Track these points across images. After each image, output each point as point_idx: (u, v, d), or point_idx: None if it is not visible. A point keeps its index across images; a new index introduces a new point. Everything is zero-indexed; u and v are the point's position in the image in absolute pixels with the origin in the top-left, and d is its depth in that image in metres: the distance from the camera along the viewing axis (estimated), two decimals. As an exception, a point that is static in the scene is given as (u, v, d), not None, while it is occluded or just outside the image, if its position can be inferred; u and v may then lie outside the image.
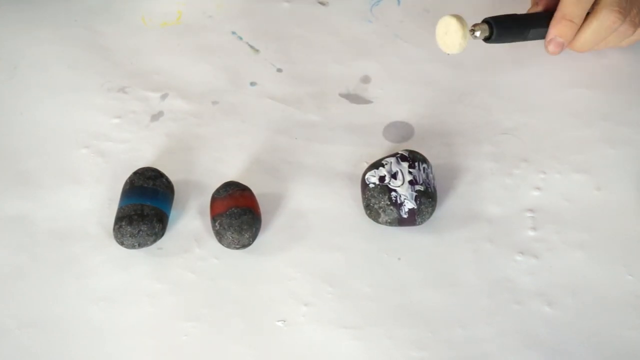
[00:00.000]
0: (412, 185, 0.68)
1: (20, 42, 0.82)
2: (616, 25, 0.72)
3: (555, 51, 0.73)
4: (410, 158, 0.69)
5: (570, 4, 0.72)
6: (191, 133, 0.75)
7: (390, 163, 0.69)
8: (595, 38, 0.73)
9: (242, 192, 0.69)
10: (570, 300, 0.66)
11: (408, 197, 0.67)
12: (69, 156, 0.74)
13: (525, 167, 0.73)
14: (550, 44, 0.73)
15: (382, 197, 0.68)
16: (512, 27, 0.71)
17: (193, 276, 0.67)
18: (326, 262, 0.68)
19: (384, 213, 0.68)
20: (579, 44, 0.74)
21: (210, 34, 0.82)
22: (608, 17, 0.71)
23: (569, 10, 0.72)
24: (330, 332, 0.64)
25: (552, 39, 0.72)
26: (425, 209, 0.68)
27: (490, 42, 0.71)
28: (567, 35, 0.72)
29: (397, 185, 0.68)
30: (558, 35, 0.72)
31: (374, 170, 0.69)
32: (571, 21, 0.72)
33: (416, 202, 0.67)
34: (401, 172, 0.68)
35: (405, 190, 0.67)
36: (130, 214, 0.67)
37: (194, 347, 0.64)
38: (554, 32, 0.72)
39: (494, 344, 0.64)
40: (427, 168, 0.69)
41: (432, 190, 0.68)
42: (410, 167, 0.69)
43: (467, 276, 0.67)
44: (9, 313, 0.65)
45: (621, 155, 0.73)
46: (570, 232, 0.69)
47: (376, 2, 0.85)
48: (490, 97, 0.77)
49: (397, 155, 0.69)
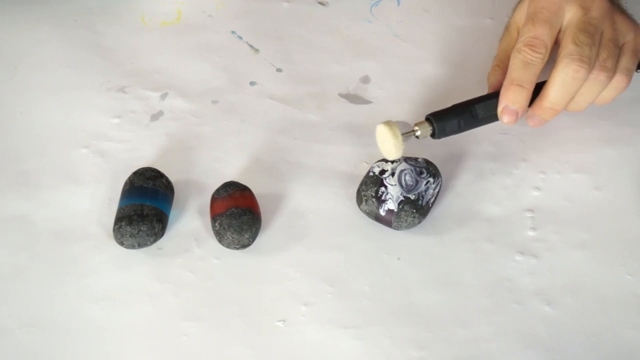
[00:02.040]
0: (404, 189, 0.68)
1: (21, 42, 0.82)
2: (580, 74, 0.67)
3: (510, 120, 0.68)
4: (422, 166, 0.69)
5: (517, 69, 0.68)
6: (191, 133, 0.75)
7: (400, 162, 0.69)
8: (564, 92, 0.68)
9: (242, 192, 0.69)
10: (570, 300, 0.66)
11: (393, 198, 0.67)
12: (69, 156, 0.74)
13: (525, 167, 0.73)
14: (504, 113, 0.69)
15: (372, 187, 0.68)
16: (455, 115, 0.68)
17: (193, 276, 0.67)
18: (326, 262, 0.68)
19: (366, 203, 0.68)
20: (549, 103, 0.69)
21: (210, 33, 0.82)
22: (569, 67, 0.67)
23: (516, 75, 0.68)
24: (330, 331, 0.64)
25: (505, 107, 0.68)
26: (406, 216, 0.68)
27: (437, 138, 0.68)
28: (520, 101, 0.68)
29: (390, 183, 0.68)
30: (510, 103, 0.68)
31: (383, 162, 0.69)
32: (520, 86, 0.68)
33: (398, 206, 0.67)
34: (402, 174, 0.68)
35: (395, 191, 0.67)
36: (130, 214, 0.67)
37: (194, 347, 0.64)
38: (505, 101, 0.68)
39: (493, 344, 0.64)
40: (433, 184, 0.69)
41: (422, 204, 0.68)
42: (417, 173, 0.69)
43: (467, 276, 0.67)
44: (9, 313, 0.66)
45: (621, 155, 0.73)
46: (569, 232, 0.69)
47: (376, 2, 0.85)
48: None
49: (412, 159, 0.70)
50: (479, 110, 0.69)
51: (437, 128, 0.68)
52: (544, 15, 0.69)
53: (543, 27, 0.69)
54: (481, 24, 0.83)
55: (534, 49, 0.68)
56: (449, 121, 0.68)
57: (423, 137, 0.68)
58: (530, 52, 0.68)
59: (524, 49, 0.68)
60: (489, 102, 0.69)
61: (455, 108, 0.69)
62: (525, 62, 0.68)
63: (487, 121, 0.70)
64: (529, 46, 0.68)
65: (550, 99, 0.69)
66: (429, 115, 0.69)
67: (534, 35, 0.69)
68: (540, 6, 0.70)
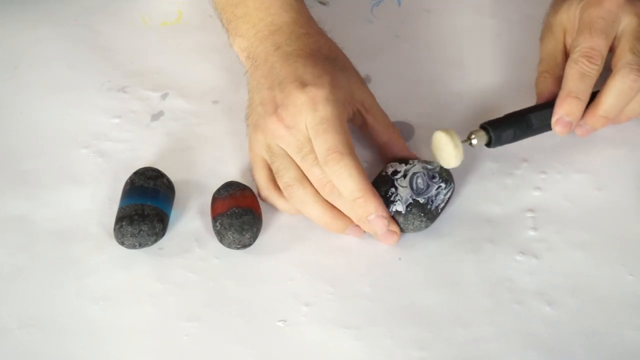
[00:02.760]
0: (413, 192, 0.68)
1: (21, 41, 0.81)
2: (638, 83, 0.68)
3: (563, 131, 0.69)
4: (435, 171, 0.69)
5: (573, 80, 0.68)
6: (192, 132, 0.75)
7: (414, 165, 0.69)
8: (619, 102, 0.68)
9: (242, 192, 0.69)
10: (571, 300, 0.66)
11: (402, 199, 0.67)
12: (69, 156, 0.74)
13: (526, 167, 0.73)
14: (558, 124, 0.69)
15: (382, 187, 0.68)
16: (510, 124, 0.69)
17: (194, 276, 0.67)
18: (327, 262, 0.68)
19: None
20: (603, 111, 0.69)
21: (210, 33, 0.82)
22: (628, 77, 0.67)
23: (573, 86, 0.68)
24: (330, 332, 0.64)
25: (559, 119, 0.69)
26: (413, 219, 0.67)
27: (492, 147, 0.69)
28: (575, 113, 0.68)
29: (401, 185, 0.68)
30: (565, 115, 0.68)
31: (397, 163, 0.69)
32: (577, 98, 0.68)
33: (406, 208, 0.67)
34: (415, 177, 0.68)
35: (404, 193, 0.67)
36: (130, 214, 0.67)
37: (195, 347, 0.64)
38: (560, 112, 0.68)
39: (494, 344, 0.64)
40: (445, 189, 0.69)
41: (431, 208, 0.68)
42: (429, 177, 0.68)
43: (468, 276, 0.67)
44: (9, 313, 0.65)
45: (621, 155, 0.73)
46: (570, 232, 0.69)
47: (376, 3, 0.85)
48: (490, 97, 0.77)
49: (427, 162, 0.69)
50: (533, 120, 0.69)
51: (494, 137, 0.68)
52: (601, 25, 0.69)
53: (600, 38, 0.68)
54: (482, 24, 0.83)
55: (592, 60, 0.68)
56: (505, 130, 0.68)
57: (478, 146, 0.68)
58: (587, 64, 0.68)
59: (581, 60, 0.68)
60: (543, 112, 0.69)
61: (510, 117, 0.69)
62: (582, 73, 0.68)
63: (540, 131, 0.70)
64: (586, 57, 0.68)
65: (605, 108, 0.69)
66: (485, 123, 0.69)
67: (591, 46, 0.68)
68: (597, 15, 0.69)
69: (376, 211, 0.65)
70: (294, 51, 0.69)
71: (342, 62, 0.71)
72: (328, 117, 0.65)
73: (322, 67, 0.68)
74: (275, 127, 0.67)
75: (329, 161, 0.65)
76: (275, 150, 0.68)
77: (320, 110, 0.66)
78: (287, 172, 0.67)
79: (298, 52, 0.69)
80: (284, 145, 0.67)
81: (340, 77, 0.69)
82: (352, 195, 0.65)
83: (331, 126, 0.65)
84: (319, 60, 0.69)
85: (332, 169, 0.65)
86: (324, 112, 0.66)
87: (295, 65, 0.68)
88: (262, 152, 0.69)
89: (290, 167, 0.67)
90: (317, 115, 0.66)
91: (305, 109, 0.66)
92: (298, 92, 0.66)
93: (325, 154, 0.65)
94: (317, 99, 0.66)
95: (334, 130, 0.65)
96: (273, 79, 0.68)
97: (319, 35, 0.72)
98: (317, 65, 0.68)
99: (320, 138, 0.65)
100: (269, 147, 0.68)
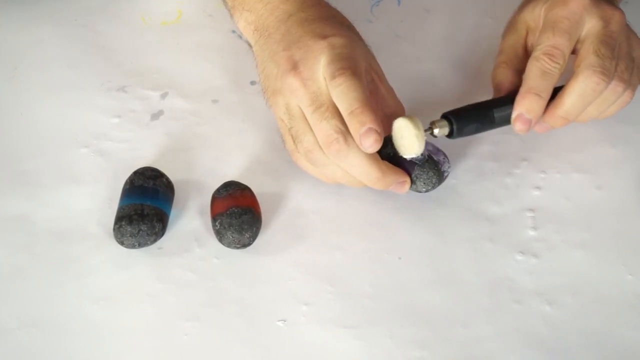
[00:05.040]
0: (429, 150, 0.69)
1: (21, 41, 0.82)
2: (600, 86, 0.67)
3: (523, 129, 0.68)
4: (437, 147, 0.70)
5: (534, 77, 0.67)
6: (191, 132, 0.75)
7: None
8: (580, 103, 0.68)
9: (242, 191, 0.69)
10: (571, 300, 0.66)
11: None
12: (69, 156, 0.74)
13: (526, 166, 0.73)
14: (517, 121, 0.68)
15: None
16: (473, 117, 0.68)
17: (193, 276, 0.67)
18: (326, 261, 0.68)
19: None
20: (563, 112, 0.68)
21: (210, 32, 0.82)
22: (591, 79, 0.67)
23: (534, 83, 0.67)
24: (330, 331, 0.64)
25: (519, 116, 0.67)
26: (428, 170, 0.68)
27: (453, 138, 0.68)
28: (535, 111, 0.67)
29: None
30: (525, 112, 0.67)
31: None
32: (538, 95, 0.67)
33: (422, 158, 0.68)
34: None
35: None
36: (130, 213, 0.67)
37: (194, 346, 0.64)
38: (520, 109, 0.67)
39: (494, 343, 0.64)
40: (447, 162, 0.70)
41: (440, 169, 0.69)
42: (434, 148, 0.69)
43: (468, 275, 0.67)
44: (9, 313, 0.65)
45: (621, 155, 0.73)
46: (570, 231, 0.69)
47: (376, 2, 0.85)
48: (490, 96, 0.77)
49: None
50: (496, 115, 0.69)
51: (456, 128, 0.68)
52: (565, 25, 0.68)
53: (563, 37, 0.68)
54: (482, 24, 0.83)
55: (553, 59, 0.68)
56: (468, 124, 0.68)
57: (440, 136, 0.68)
58: (549, 62, 0.68)
59: (543, 58, 0.68)
60: (506, 106, 0.69)
61: (473, 110, 0.69)
62: (543, 71, 0.68)
63: (502, 125, 0.70)
64: (548, 55, 0.68)
65: (566, 109, 0.68)
66: (447, 113, 0.68)
67: (553, 45, 0.68)
68: (562, 15, 0.69)
69: (371, 123, 0.64)
70: (309, 16, 0.69)
71: (357, 32, 0.71)
72: (345, 54, 0.65)
73: (340, 29, 0.68)
74: (291, 81, 0.66)
75: (337, 77, 0.64)
76: (293, 110, 0.67)
77: (337, 51, 0.66)
78: (305, 136, 0.67)
79: (313, 16, 0.69)
80: (297, 100, 0.66)
81: (359, 42, 0.69)
82: (350, 106, 0.64)
83: (346, 58, 0.65)
84: (336, 24, 0.69)
85: (336, 82, 0.64)
86: (341, 52, 0.65)
87: (312, 26, 0.68)
88: (284, 115, 0.68)
89: (307, 131, 0.66)
90: (333, 53, 0.65)
91: (323, 53, 0.65)
92: (317, 44, 0.66)
93: (334, 72, 0.64)
94: (336, 44, 0.66)
95: (349, 58, 0.65)
96: (289, 41, 0.68)
97: (330, 7, 0.72)
98: (335, 27, 0.68)
99: (334, 63, 0.65)
100: (288, 108, 0.67)
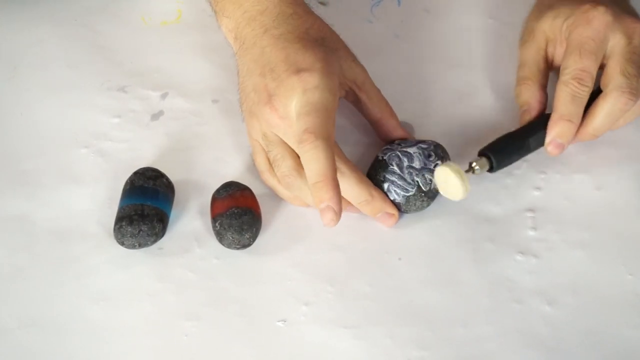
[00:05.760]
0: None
1: (20, 41, 0.81)
2: (628, 106, 0.69)
3: (556, 152, 0.70)
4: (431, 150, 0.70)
5: (565, 103, 0.69)
6: (191, 132, 0.75)
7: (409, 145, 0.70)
8: (608, 122, 0.70)
9: (242, 192, 0.69)
10: (571, 300, 0.66)
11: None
12: (69, 156, 0.74)
13: (526, 166, 0.73)
14: (550, 145, 0.69)
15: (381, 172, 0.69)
16: (510, 149, 0.69)
17: (193, 276, 0.67)
18: (326, 261, 0.68)
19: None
20: (592, 130, 0.70)
21: (210, 32, 0.82)
22: (619, 100, 0.68)
23: (565, 110, 0.69)
24: (330, 331, 0.64)
25: (552, 141, 0.69)
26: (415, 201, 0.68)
27: (494, 172, 0.69)
28: (567, 136, 0.69)
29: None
30: (558, 138, 0.69)
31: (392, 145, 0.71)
32: (569, 121, 0.69)
33: None
34: (411, 158, 0.69)
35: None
36: (130, 214, 0.67)
37: (194, 346, 0.64)
38: (553, 134, 0.69)
39: (494, 343, 0.64)
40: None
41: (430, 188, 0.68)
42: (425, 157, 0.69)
43: (468, 275, 0.67)
44: (9, 313, 0.65)
45: (622, 155, 0.73)
46: (570, 231, 0.69)
47: (376, 3, 0.85)
48: (490, 97, 0.77)
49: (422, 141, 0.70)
50: (531, 143, 0.70)
51: (496, 164, 0.69)
52: (591, 47, 0.69)
53: (590, 59, 0.69)
54: (482, 24, 0.83)
55: (582, 82, 0.68)
56: (507, 157, 0.69)
57: (481, 173, 0.68)
58: (578, 86, 0.68)
59: (572, 82, 0.69)
60: (540, 134, 0.70)
61: (509, 141, 0.70)
62: (573, 95, 0.68)
63: (537, 149, 0.71)
64: (577, 79, 0.68)
65: (595, 127, 0.70)
66: (484, 150, 0.69)
67: (581, 68, 0.69)
68: (587, 36, 0.69)
69: (330, 200, 0.64)
70: (283, 35, 0.69)
71: (331, 42, 0.71)
72: (314, 102, 0.65)
73: (313, 52, 0.68)
74: (269, 117, 0.67)
75: (303, 141, 0.64)
76: (271, 138, 0.68)
77: (308, 96, 0.66)
78: (283, 161, 0.68)
79: (287, 35, 0.69)
80: (280, 134, 0.68)
81: (332, 60, 0.69)
82: (313, 178, 0.64)
83: (315, 110, 0.65)
84: (309, 43, 0.69)
85: (303, 148, 0.64)
86: (311, 97, 0.66)
87: (286, 51, 0.68)
88: (259, 138, 0.70)
89: (286, 156, 0.68)
90: (304, 99, 0.66)
91: (295, 95, 0.66)
92: (290, 80, 0.66)
93: (301, 134, 0.64)
94: (307, 85, 0.66)
95: (317, 114, 0.65)
96: (264, 65, 0.68)
97: (307, 15, 0.72)
98: (307, 50, 0.68)
99: (302, 120, 0.65)
100: (265, 135, 0.69)
